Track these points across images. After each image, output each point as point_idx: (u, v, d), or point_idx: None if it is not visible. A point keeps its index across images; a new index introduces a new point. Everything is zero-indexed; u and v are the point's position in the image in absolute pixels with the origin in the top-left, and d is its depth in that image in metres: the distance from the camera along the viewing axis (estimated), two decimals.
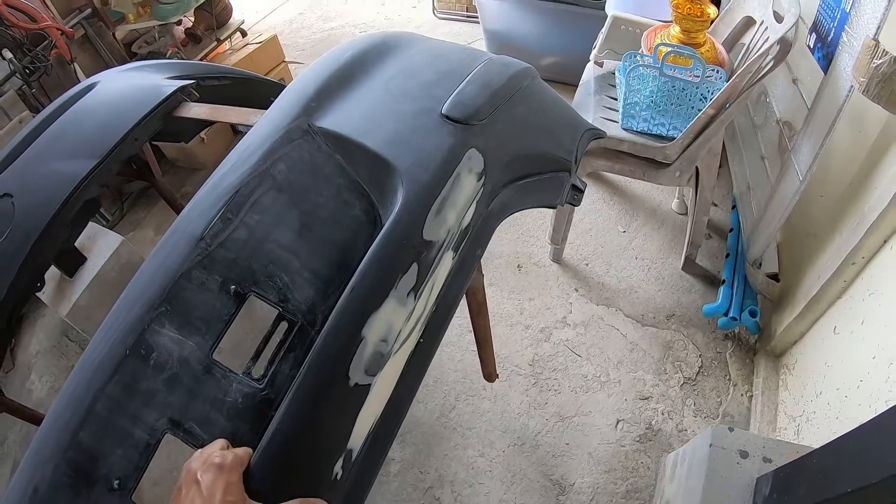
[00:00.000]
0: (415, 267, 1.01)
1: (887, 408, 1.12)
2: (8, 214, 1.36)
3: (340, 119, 1.20)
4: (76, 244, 2.36)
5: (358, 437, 0.93)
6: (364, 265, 0.98)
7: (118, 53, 4.09)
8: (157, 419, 0.90)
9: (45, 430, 0.93)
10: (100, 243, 2.50)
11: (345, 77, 1.31)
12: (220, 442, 0.85)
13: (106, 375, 0.93)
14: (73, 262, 2.38)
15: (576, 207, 2.37)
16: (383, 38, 1.47)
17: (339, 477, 0.90)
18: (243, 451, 0.84)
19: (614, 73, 2.51)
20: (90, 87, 1.71)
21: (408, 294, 0.99)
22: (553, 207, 1.48)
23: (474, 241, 1.17)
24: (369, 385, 0.93)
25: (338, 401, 0.91)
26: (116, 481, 0.89)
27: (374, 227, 1.08)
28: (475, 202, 1.13)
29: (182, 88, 1.59)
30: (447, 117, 1.20)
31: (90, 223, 2.34)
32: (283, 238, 1.04)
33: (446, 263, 1.07)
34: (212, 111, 1.56)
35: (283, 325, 0.98)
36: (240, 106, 1.64)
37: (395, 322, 0.97)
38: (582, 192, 1.48)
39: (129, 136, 1.46)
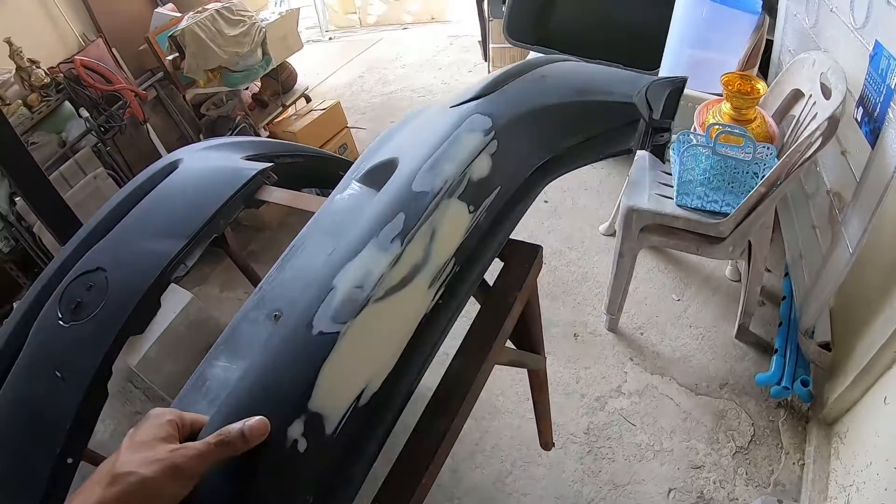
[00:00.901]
0: (401, 215, 1.00)
1: None
2: (102, 288, 1.40)
3: (373, 161, 1.28)
4: None
5: (330, 400, 0.83)
6: (353, 229, 1.02)
7: (188, 115, 4.29)
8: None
9: None
10: (169, 299, 2.59)
11: (385, 138, 1.39)
12: None
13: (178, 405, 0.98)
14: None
15: (633, 276, 2.45)
16: (417, 109, 1.55)
17: (301, 447, 0.79)
18: (196, 415, 0.83)
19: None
20: (173, 165, 1.78)
21: (392, 240, 0.97)
22: (630, 152, 1.43)
23: (513, 198, 1.17)
24: (337, 332, 0.87)
25: (296, 350, 0.88)
26: None
27: None
28: (486, 154, 1.13)
29: (262, 171, 1.66)
30: (454, 105, 1.28)
31: None
32: (318, 264, 1.06)
33: (457, 214, 1.04)
34: (291, 198, 1.62)
35: None
36: (311, 179, 1.75)
37: (373, 267, 0.94)
38: (668, 129, 1.41)
39: (216, 219, 1.52)
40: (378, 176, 1.22)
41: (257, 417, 0.77)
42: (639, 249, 2.53)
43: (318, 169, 2.05)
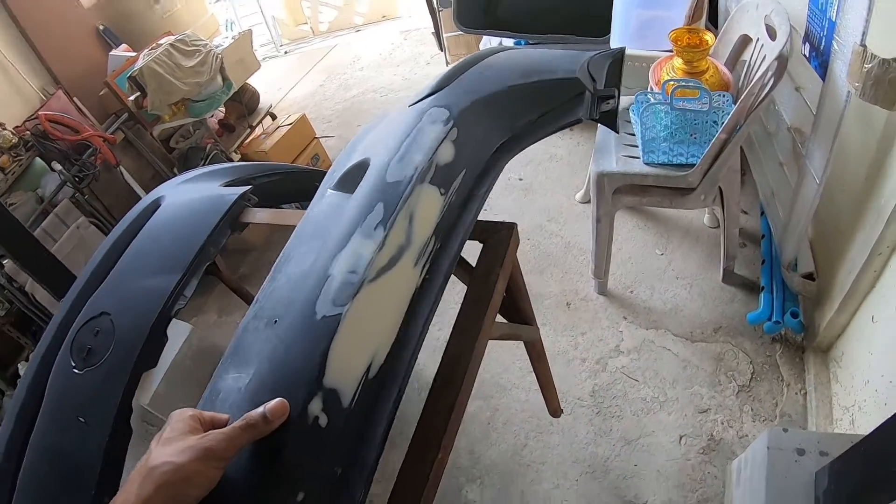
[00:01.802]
0: (380, 205, 1.06)
1: None
2: (109, 331, 1.43)
3: (342, 168, 1.33)
4: None
5: (342, 375, 0.89)
6: (337, 225, 1.07)
7: (158, 151, 4.30)
8: None
9: None
10: (171, 333, 2.63)
11: (353, 146, 1.42)
12: None
13: None
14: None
15: (614, 238, 2.51)
16: (381, 114, 1.62)
17: (322, 423, 0.85)
18: (216, 412, 0.86)
19: (628, 109, 2.65)
20: (156, 203, 1.82)
21: (375, 227, 1.03)
22: (579, 122, 1.45)
23: (478, 178, 1.24)
24: (340, 314, 0.93)
25: (304, 334, 0.93)
26: None
27: None
28: (449, 141, 1.20)
29: (242, 195, 1.69)
30: (412, 104, 1.34)
31: None
32: (307, 267, 1.11)
33: (429, 196, 1.11)
34: (273, 216, 1.68)
35: None
36: (289, 195, 1.81)
37: (363, 252, 1.00)
38: (612, 97, 1.43)
39: (206, 247, 1.56)
40: (351, 179, 1.27)
41: (276, 399, 0.82)
42: (615, 212, 2.59)
43: (295, 184, 2.09)
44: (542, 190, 3.79)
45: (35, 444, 1.37)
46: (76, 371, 1.40)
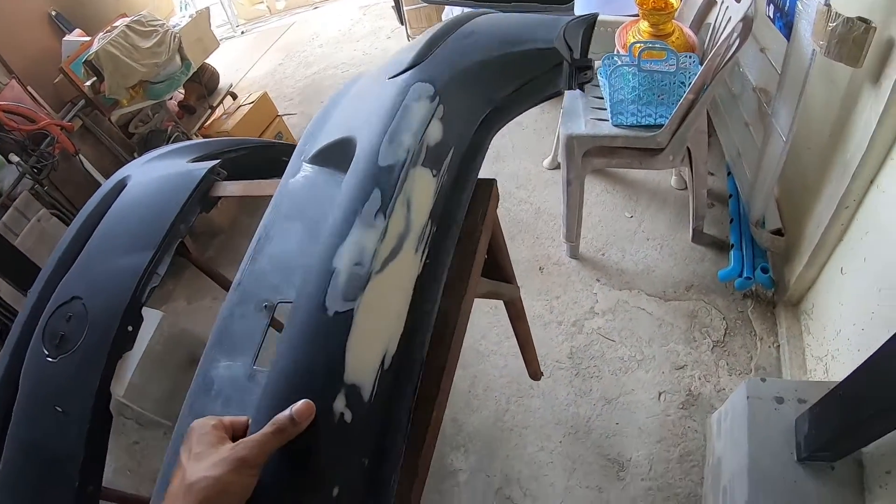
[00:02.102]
0: (377, 192, 1.04)
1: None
2: (82, 316, 1.40)
3: (318, 141, 1.33)
4: None
5: (361, 370, 0.89)
6: (333, 211, 1.05)
7: (118, 137, 4.19)
8: None
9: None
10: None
11: (324, 116, 1.44)
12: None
13: (186, 420, 1.02)
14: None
15: (584, 202, 2.53)
16: (356, 75, 1.60)
17: (347, 418, 0.85)
18: (235, 417, 0.86)
19: (596, 72, 2.65)
20: (122, 183, 1.78)
21: (375, 215, 1.01)
22: (560, 93, 1.46)
23: (467, 155, 1.23)
24: (351, 310, 0.92)
25: (318, 333, 0.91)
26: None
27: None
28: (437, 119, 1.17)
29: (211, 170, 1.67)
30: (391, 77, 1.30)
31: None
32: (293, 248, 1.14)
33: (423, 180, 1.09)
34: (245, 188, 1.65)
35: None
36: (259, 170, 1.77)
37: (366, 244, 0.98)
38: (589, 67, 1.43)
39: (176, 224, 1.53)
40: (333, 155, 1.27)
41: (302, 401, 0.81)
42: (584, 174, 2.61)
43: (263, 158, 2.06)
44: (510, 157, 3.81)
45: (12, 438, 1.35)
46: (50, 359, 1.37)
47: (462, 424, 2.53)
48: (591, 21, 1.55)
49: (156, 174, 1.79)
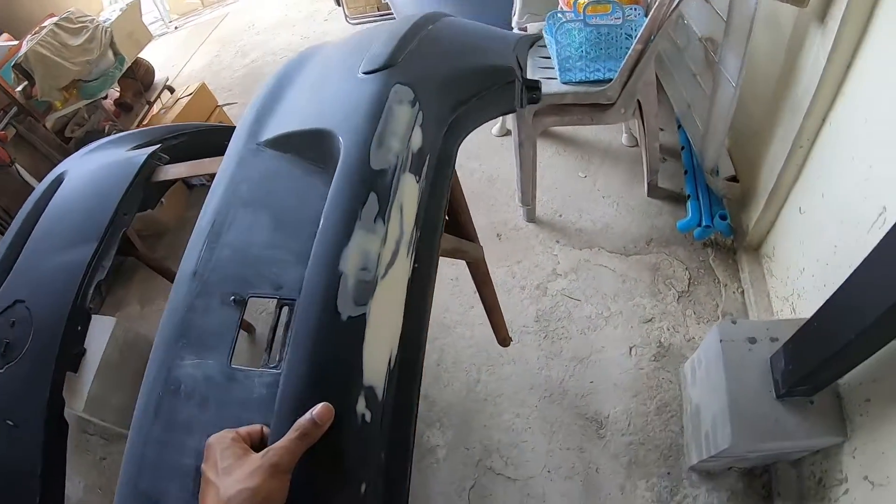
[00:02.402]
0: (373, 196, 1.03)
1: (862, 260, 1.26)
2: (27, 320, 1.37)
3: (279, 125, 1.28)
4: None
5: (374, 372, 0.91)
6: (325, 212, 1.03)
7: (54, 142, 4.03)
8: (199, 441, 0.91)
9: (118, 492, 0.98)
10: (94, 331, 2.52)
11: (273, 96, 1.39)
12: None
13: (149, 422, 0.98)
14: (75, 357, 2.40)
15: (537, 165, 2.51)
16: (298, 55, 1.55)
17: (367, 419, 0.88)
18: (249, 426, 0.88)
19: (541, 35, 2.63)
20: (59, 179, 1.74)
21: (374, 220, 1.01)
22: (513, 111, 1.52)
23: (438, 162, 1.21)
24: (364, 315, 0.93)
25: (335, 338, 0.92)
26: None
27: None
28: (418, 125, 1.16)
29: (152, 154, 1.63)
30: (366, 73, 1.26)
31: None
32: (261, 239, 1.10)
33: (410, 186, 1.09)
34: (189, 168, 1.61)
35: (286, 310, 1.02)
36: (203, 155, 1.71)
37: (370, 249, 0.98)
38: (538, 88, 1.53)
39: (119, 212, 1.50)
40: (303, 145, 1.22)
41: (321, 404, 0.83)
42: (536, 135, 2.59)
43: (206, 142, 2.01)
44: None
45: None
46: None
47: (434, 400, 2.50)
48: (536, 39, 1.65)
49: (94, 165, 1.74)
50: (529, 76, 2.42)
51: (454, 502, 2.20)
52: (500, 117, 3.54)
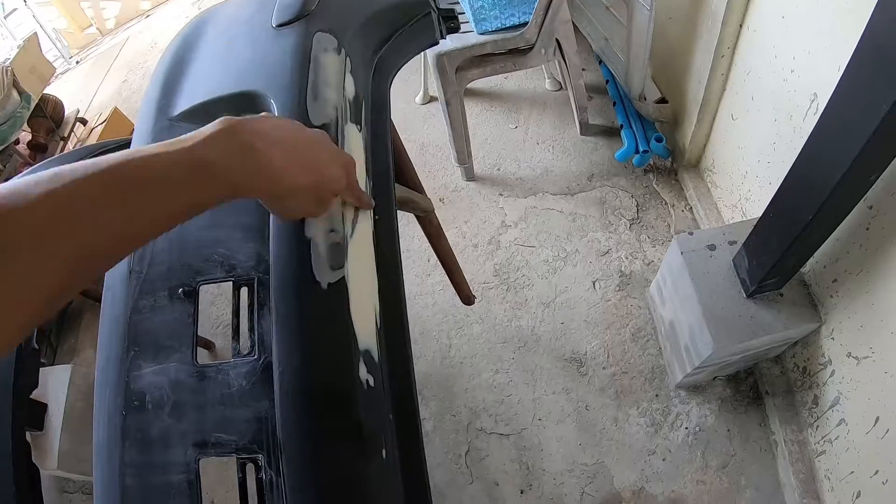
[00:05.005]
0: None
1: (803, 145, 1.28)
2: None
3: (191, 95, 1.21)
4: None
5: (366, 335, 0.88)
6: None
7: None
8: (184, 453, 0.88)
9: None
10: (51, 383, 2.44)
11: (176, 68, 1.30)
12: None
13: (119, 448, 0.91)
14: (36, 414, 2.32)
15: (467, 124, 2.49)
16: (192, 22, 1.45)
17: (371, 383, 0.85)
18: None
19: None
20: None
21: None
22: (436, 44, 1.47)
23: (375, 107, 1.17)
24: (343, 278, 0.88)
25: (321, 309, 0.88)
26: None
27: None
28: (349, 72, 1.12)
29: None
30: (280, 25, 1.20)
31: None
32: (199, 220, 1.03)
33: (354, 136, 1.04)
34: None
35: (244, 290, 0.98)
36: None
37: (332, 210, 0.92)
38: (454, 17, 1.50)
39: None
40: (220, 111, 1.13)
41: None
42: (461, 90, 2.57)
43: None
44: None
45: None
46: None
47: None
48: None
49: None
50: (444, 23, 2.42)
51: (453, 471, 2.19)
52: (422, 86, 3.51)
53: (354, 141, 1.03)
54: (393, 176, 1.13)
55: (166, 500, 0.87)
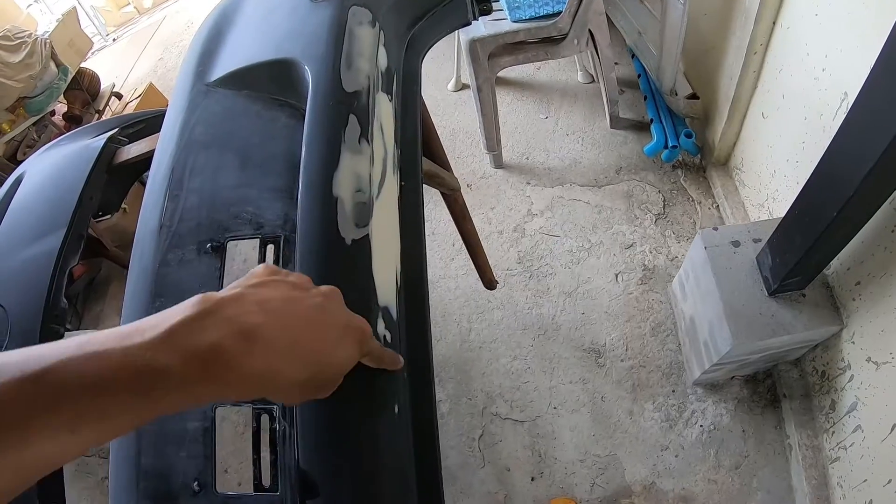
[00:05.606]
0: (353, 118, 1.01)
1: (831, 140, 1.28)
2: (3, 321, 1.34)
3: (228, 62, 1.25)
4: None
5: (386, 292, 0.89)
6: (306, 139, 1.00)
7: (8, 169, 3.96)
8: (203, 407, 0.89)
9: (112, 485, 0.96)
10: None
11: (214, 37, 1.35)
12: None
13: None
14: None
15: (498, 112, 2.49)
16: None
17: (388, 339, 0.86)
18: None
19: None
20: (19, 179, 1.70)
21: (359, 141, 0.99)
22: (468, 24, 1.47)
23: (406, 80, 1.20)
24: (367, 236, 0.91)
25: (344, 263, 0.89)
26: (195, 483, 0.89)
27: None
28: (382, 45, 1.14)
29: (111, 138, 1.61)
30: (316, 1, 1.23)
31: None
32: (230, 180, 1.07)
33: (385, 105, 1.07)
34: (152, 142, 1.55)
35: (270, 248, 0.99)
36: None
37: (361, 170, 0.95)
38: (488, 0, 1.47)
39: (84, 195, 1.47)
40: (260, 78, 1.19)
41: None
42: (493, 77, 2.58)
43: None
44: None
45: None
46: None
47: None
48: None
49: (53, 159, 1.71)
50: (482, 20, 2.42)
51: (465, 454, 2.21)
52: (454, 73, 3.52)
53: (385, 109, 1.06)
54: (421, 148, 1.17)
55: (180, 447, 0.91)
